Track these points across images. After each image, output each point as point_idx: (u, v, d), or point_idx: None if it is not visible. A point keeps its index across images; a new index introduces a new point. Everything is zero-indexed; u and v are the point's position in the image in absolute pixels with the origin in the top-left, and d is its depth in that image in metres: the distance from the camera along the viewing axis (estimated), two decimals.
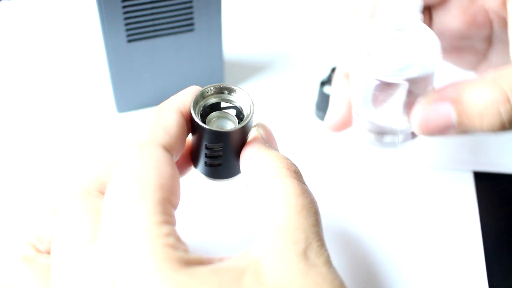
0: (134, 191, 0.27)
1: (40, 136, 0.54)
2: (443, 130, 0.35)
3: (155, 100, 0.56)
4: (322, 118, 0.56)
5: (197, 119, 0.31)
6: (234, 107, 0.34)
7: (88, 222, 0.29)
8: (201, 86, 0.34)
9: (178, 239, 0.27)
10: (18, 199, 0.48)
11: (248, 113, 0.33)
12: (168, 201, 0.28)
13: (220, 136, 0.32)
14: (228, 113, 0.34)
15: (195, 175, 0.35)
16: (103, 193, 0.31)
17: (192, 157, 0.34)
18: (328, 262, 0.27)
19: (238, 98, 0.34)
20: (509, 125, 0.33)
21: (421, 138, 0.39)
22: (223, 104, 0.34)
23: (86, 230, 0.29)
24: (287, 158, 0.31)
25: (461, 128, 0.34)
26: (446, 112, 0.34)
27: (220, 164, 0.33)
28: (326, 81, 0.54)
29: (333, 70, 0.54)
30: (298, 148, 0.53)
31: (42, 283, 0.31)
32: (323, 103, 0.55)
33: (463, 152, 0.52)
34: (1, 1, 0.70)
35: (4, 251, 0.33)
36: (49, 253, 0.33)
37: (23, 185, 0.49)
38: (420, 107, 0.35)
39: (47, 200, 0.47)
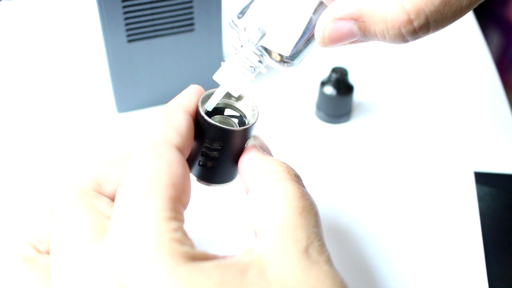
0: (144, 188, 0.28)
1: (40, 137, 0.54)
2: (346, 42, 0.33)
3: (155, 100, 0.56)
4: (322, 118, 0.56)
5: (203, 113, 0.32)
6: (238, 116, 0.34)
7: (86, 220, 0.29)
8: (202, 86, 0.34)
9: (185, 234, 0.27)
10: (18, 200, 0.48)
11: (252, 119, 0.33)
12: (178, 200, 0.28)
13: (222, 133, 0.32)
14: (230, 119, 0.35)
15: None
16: (100, 193, 0.32)
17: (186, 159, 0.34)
18: (329, 260, 0.28)
19: (244, 105, 0.34)
20: (412, 39, 0.32)
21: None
22: (227, 112, 0.34)
23: (84, 229, 0.29)
24: (286, 163, 0.32)
25: (364, 40, 0.33)
26: (349, 28, 0.32)
27: (213, 166, 0.33)
28: (326, 81, 0.54)
29: (333, 70, 0.54)
30: (299, 147, 0.53)
31: (43, 283, 0.31)
32: (323, 103, 0.55)
33: (463, 152, 0.53)
34: (1, 1, 0.70)
35: (4, 252, 0.33)
36: (48, 253, 0.33)
37: (23, 186, 0.49)
38: (322, 23, 0.33)
39: (46, 200, 0.47)
